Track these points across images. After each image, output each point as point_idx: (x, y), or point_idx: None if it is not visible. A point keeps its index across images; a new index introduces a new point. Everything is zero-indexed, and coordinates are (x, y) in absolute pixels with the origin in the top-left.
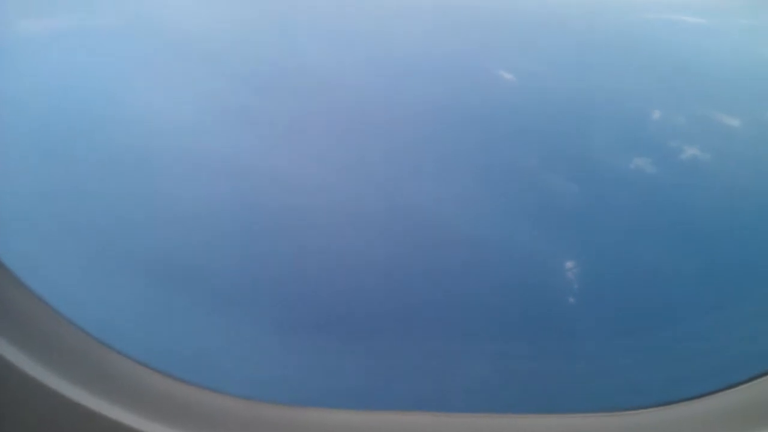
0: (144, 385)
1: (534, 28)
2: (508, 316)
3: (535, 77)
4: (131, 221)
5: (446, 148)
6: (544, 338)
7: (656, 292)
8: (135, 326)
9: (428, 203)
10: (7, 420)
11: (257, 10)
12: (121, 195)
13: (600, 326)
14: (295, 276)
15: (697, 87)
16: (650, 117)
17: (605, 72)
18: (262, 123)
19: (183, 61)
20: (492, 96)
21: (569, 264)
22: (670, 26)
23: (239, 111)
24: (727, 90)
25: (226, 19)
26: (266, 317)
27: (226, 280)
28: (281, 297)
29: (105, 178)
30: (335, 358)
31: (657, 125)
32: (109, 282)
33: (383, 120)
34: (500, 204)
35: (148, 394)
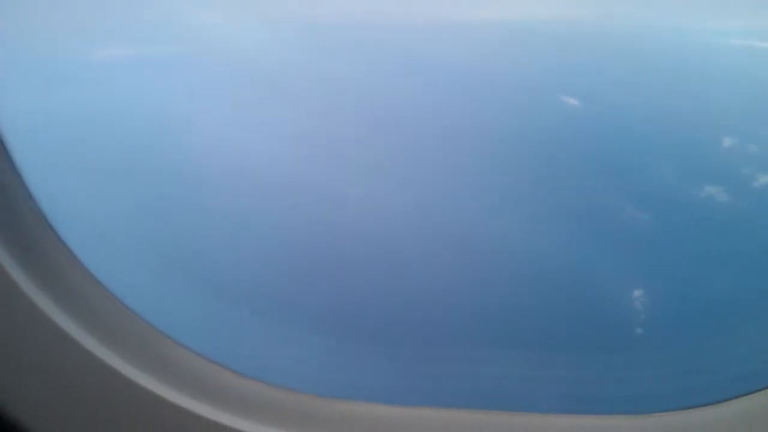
0: (167, 355)
1: (601, 54)
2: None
3: (605, 103)
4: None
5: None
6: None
7: None
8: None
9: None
10: (34, 371)
11: None
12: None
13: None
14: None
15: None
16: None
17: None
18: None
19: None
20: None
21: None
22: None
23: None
24: None
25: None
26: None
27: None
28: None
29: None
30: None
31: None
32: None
33: None
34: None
35: (172, 364)
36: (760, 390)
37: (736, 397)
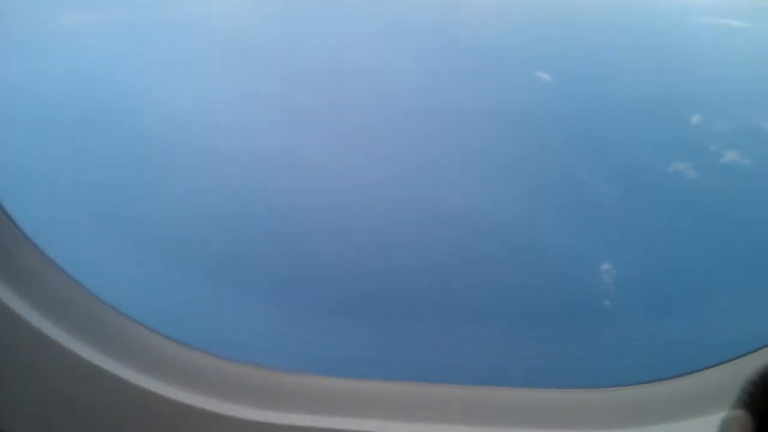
0: (139, 341)
1: (573, 29)
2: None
3: (576, 79)
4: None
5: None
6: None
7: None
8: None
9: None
10: (8, 369)
11: None
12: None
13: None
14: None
15: (741, 90)
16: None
17: (644, 73)
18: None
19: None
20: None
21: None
22: (715, 30)
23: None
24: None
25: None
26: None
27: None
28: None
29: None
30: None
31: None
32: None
33: None
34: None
35: (143, 349)
36: (724, 362)
37: (702, 369)
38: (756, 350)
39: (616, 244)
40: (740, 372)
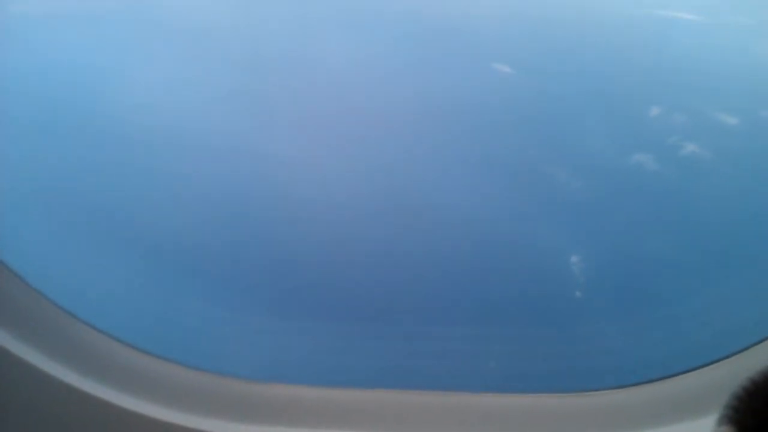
0: (124, 361)
1: (530, 25)
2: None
3: (533, 74)
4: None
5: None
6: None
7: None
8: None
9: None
10: None
11: None
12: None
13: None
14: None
15: (693, 85)
16: (646, 115)
17: (599, 70)
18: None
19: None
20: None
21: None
22: (665, 23)
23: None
24: (722, 88)
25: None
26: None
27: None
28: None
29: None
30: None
31: (652, 123)
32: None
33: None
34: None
35: (127, 369)
36: (703, 366)
37: (677, 374)
38: (743, 349)
39: (583, 236)
40: (727, 373)
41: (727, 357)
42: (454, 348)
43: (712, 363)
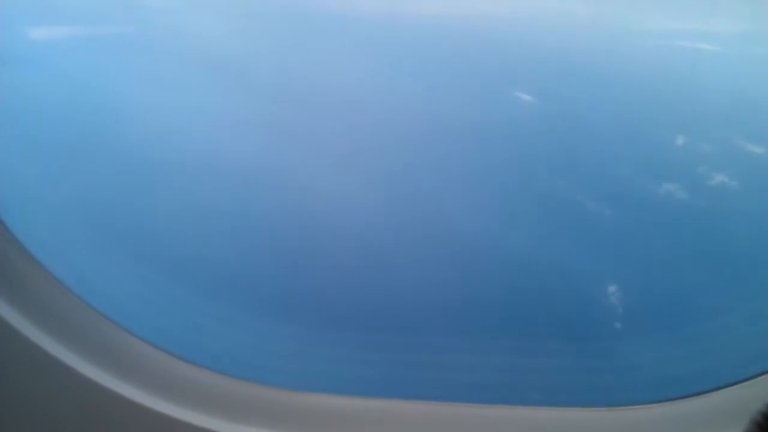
0: (141, 358)
1: (557, 57)
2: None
3: (557, 100)
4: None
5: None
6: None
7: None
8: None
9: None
10: (6, 383)
11: None
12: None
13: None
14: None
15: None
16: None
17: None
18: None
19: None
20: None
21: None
22: (687, 54)
23: None
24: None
25: None
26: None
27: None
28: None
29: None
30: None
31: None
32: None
33: None
34: None
35: (146, 368)
36: (731, 384)
37: (702, 392)
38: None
39: (612, 261)
40: (751, 393)
41: (752, 378)
42: (488, 361)
43: (736, 383)
